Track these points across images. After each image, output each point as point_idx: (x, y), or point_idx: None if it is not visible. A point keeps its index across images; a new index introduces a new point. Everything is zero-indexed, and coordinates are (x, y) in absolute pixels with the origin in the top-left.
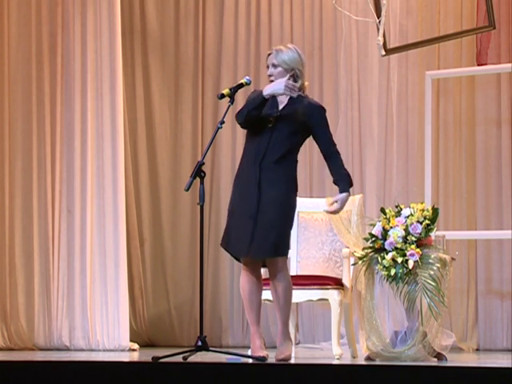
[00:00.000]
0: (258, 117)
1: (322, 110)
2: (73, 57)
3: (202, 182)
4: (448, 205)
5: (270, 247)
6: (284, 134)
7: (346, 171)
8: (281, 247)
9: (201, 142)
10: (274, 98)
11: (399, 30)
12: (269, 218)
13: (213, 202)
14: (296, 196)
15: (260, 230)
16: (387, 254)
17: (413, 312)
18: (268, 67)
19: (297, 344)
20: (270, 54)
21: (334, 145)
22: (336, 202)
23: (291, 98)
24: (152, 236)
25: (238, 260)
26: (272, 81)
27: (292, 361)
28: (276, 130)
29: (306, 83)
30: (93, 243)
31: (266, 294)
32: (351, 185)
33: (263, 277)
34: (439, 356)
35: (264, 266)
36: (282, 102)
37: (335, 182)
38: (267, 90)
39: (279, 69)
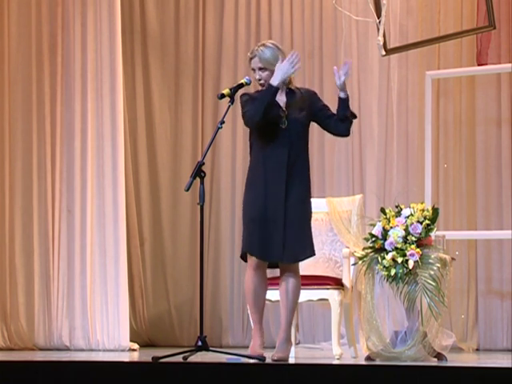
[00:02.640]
0: (271, 113)
1: (316, 93)
2: (73, 57)
3: (202, 182)
4: (448, 205)
5: (304, 249)
6: (299, 132)
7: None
8: (312, 247)
9: (201, 142)
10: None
11: (399, 30)
12: (298, 219)
13: (213, 202)
14: None
15: (292, 233)
16: (387, 254)
17: (413, 312)
18: (254, 71)
19: (297, 344)
20: (252, 58)
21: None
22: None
23: (287, 94)
24: (152, 236)
25: (244, 260)
26: (262, 84)
27: (292, 361)
28: (290, 130)
29: (292, 76)
30: (93, 243)
31: (267, 294)
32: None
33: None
34: (439, 356)
35: (271, 267)
36: (281, 99)
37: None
38: (277, 79)
39: (267, 72)
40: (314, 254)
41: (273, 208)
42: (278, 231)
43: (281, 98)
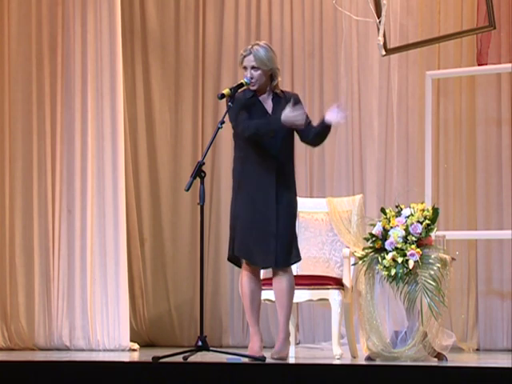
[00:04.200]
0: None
1: (298, 96)
2: (73, 57)
3: (202, 182)
4: (448, 205)
5: (294, 253)
6: (285, 137)
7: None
8: (298, 250)
9: (201, 142)
10: (260, 103)
11: (399, 30)
12: (287, 224)
13: (213, 202)
14: None
15: (283, 239)
16: (387, 253)
17: (413, 312)
18: (245, 69)
19: (297, 344)
20: (245, 56)
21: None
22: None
23: (273, 99)
24: (152, 236)
25: (237, 265)
26: (252, 83)
27: (292, 361)
28: (276, 135)
29: (279, 79)
30: (93, 243)
31: (266, 294)
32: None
33: (262, 277)
34: (439, 356)
35: (265, 267)
36: (268, 104)
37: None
38: (284, 120)
39: (259, 71)
40: (301, 259)
41: (264, 215)
42: (270, 237)
43: (268, 103)
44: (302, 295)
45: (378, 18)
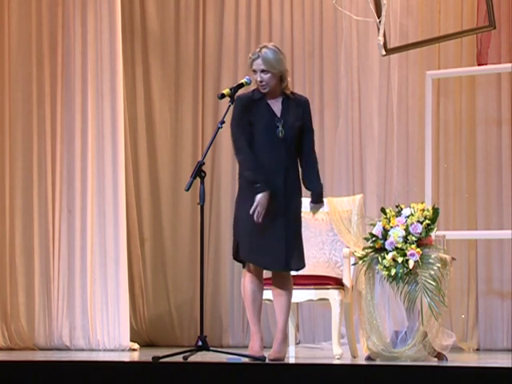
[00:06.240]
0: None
1: (309, 103)
2: (73, 57)
3: (202, 182)
4: (448, 205)
5: (300, 259)
6: (294, 141)
7: (321, 183)
8: (304, 254)
9: (201, 141)
10: (268, 106)
11: (399, 30)
12: (296, 227)
13: (213, 201)
14: None
15: (291, 242)
16: (387, 253)
17: (413, 312)
18: (255, 72)
19: (297, 344)
20: (254, 60)
21: (314, 149)
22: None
23: (283, 101)
24: (152, 236)
25: (242, 262)
26: (263, 86)
27: (292, 361)
28: (286, 138)
29: (289, 79)
30: (93, 243)
31: (266, 294)
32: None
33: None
34: (439, 356)
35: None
36: (277, 106)
37: (310, 190)
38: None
39: (269, 74)
40: (305, 266)
41: (272, 218)
42: (278, 242)
43: (277, 104)
44: (302, 295)
45: (378, 17)
